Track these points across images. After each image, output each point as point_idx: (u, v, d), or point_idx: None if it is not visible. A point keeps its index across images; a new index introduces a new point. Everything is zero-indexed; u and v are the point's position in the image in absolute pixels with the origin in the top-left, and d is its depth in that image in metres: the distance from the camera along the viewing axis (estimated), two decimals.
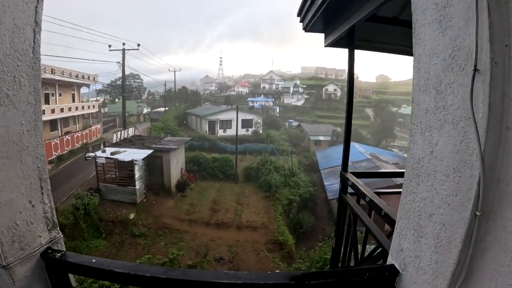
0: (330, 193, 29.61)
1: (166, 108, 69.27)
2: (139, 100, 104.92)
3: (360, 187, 3.47)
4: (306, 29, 3.76)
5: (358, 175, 4.16)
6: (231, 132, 47.32)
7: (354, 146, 46.24)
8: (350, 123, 4.14)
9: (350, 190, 4.09)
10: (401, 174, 4.45)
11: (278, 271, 17.82)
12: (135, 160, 22.83)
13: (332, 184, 31.51)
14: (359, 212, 3.55)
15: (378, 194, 3.73)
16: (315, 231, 27.14)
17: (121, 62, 37.34)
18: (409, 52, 4.32)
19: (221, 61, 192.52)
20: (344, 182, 4.20)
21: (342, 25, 3.34)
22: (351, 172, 4.18)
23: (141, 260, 14.16)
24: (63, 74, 39.76)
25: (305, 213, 28.08)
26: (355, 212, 3.65)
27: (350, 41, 3.70)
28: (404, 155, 51.95)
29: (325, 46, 3.88)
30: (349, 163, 19.99)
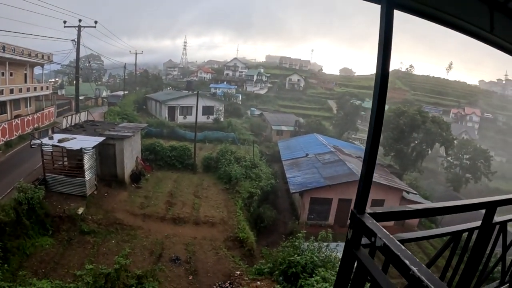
0: (292, 185, 29.09)
1: (126, 92, 66.41)
2: (98, 82, 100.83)
3: (389, 245, 2.15)
4: None
5: (381, 216, 2.53)
6: (191, 118, 45.65)
7: (317, 137, 46.02)
8: (378, 134, 2.43)
9: (364, 240, 2.48)
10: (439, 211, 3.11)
11: (238, 272, 16.82)
12: (85, 149, 20.97)
13: (295, 177, 30.95)
14: (382, 282, 2.22)
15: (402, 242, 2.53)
16: (277, 225, 26.60)
17: (76, 40, 34.64)
18: (464, 29, 3.16)
19: (185, 46, 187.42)
20: (358, 229, 2.48)
21: None
22: (370, 214, 2.47)
23: (83, 271, 12.61)
24: (14, 52, 36.75)
25: (267, 206, 27.45)
26: (377, 283, 2.26)
27: None
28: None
29: None
30: (311, 154, 18.97)
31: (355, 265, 2.54)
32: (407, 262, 1.90)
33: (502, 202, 3.12)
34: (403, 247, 2.08)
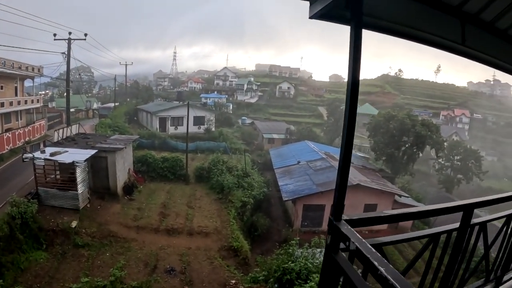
0: (285, 193, 29.20)
1: (116, 104, 66.27)
2: (89, 94, 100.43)
3: (364, 251, 2.34)
4: None
5: (356, 222, 2.81)
6: (182, 129, 45.78)
7: (308, 144, 46.25)
8: (351, 141, 2.73)
9: (341, 245, 2.70)
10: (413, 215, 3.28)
11: (233, 281, 16.89)
12: (77, 162, 20.98)
13: (287, 184, 31.07)
14: (357, 283, 2.41)
15: (379, 245, 2.72)
16: (271, 233, 26.64)
17: (66, 52, 34.72)
18: (436, 43, 3.31)
19: (175, 56, 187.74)
20: (335, 235, 2.70)
21: None
22: (346, 220, 2.71)
23: (79, 284, 12.63)
24: (4, 65, 36.60)
25: (260, 215, 27.51)
26: (352, 283, 2.45)
27: (355, 14, 2.49)
28: (357, 153, 52.62)
29: (311, 17, 2.63)
30: (303, 161, 19.28)
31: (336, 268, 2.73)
32: (376, 263, 2.11)
33: (478, 204, 3.30)
34: (373, 250, 2.27)
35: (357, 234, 2.48)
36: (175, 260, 18.50)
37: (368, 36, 2.94)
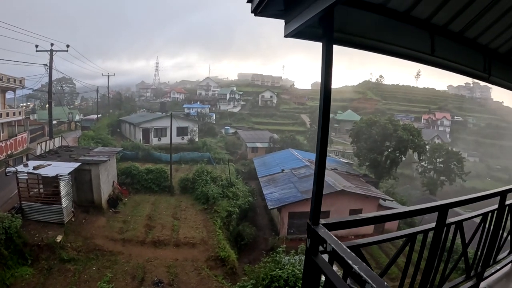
0: (270, 202, 29.24)
1: (99, 115, 65.65)
2: (71, 106, 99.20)
3: (341, 252, 2.53)
4: (258, 10, 2.61)
5: (333, 226, 2.98)
6: (166, 140, 45.64)
7: (292, 152, 46.48)
8: (324, 149, 3.00)
9: (321, 247, 2.91)
10: (386, 218, 3.48)
11: None
12: (60, 175, 20.82)
13: (272, 193, 31.16)
14: (336, 282, 2.59)
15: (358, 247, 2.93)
16: (257, 241, 26.69)
17: (48, 64, 34.42)
18: (406, 55, 3.42)
19: (157, 66, 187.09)
20: (314, 238, 2.91)
21: (312, 7, 2.39)
22: (323, 224, 2.94)
23: None
24: None
25: (246, 224, 27.57)
26: (332, 283, 2.64)
27: (327, 31, 2.68)
28: (341, 159, 53.10)
29: (286, 36, 2.82)
30: (287, 169, 19.47)
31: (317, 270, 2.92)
32: (349, 262, 2.32)
33: (452, 205, 3.49)
34: (348, 250, 2.48)
35: (333, 237, 2.68)
36: (163, 272, 18.43)
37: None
